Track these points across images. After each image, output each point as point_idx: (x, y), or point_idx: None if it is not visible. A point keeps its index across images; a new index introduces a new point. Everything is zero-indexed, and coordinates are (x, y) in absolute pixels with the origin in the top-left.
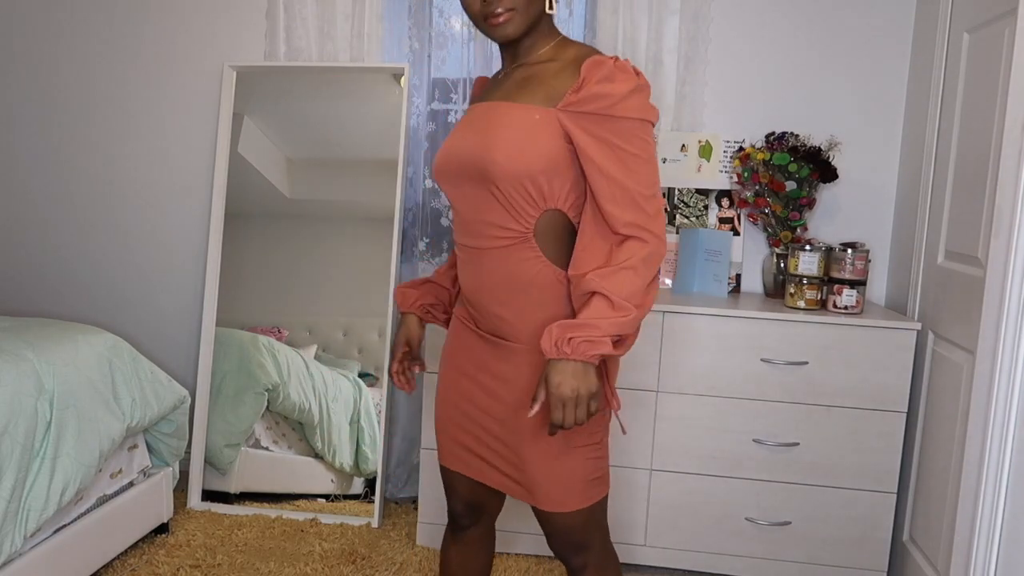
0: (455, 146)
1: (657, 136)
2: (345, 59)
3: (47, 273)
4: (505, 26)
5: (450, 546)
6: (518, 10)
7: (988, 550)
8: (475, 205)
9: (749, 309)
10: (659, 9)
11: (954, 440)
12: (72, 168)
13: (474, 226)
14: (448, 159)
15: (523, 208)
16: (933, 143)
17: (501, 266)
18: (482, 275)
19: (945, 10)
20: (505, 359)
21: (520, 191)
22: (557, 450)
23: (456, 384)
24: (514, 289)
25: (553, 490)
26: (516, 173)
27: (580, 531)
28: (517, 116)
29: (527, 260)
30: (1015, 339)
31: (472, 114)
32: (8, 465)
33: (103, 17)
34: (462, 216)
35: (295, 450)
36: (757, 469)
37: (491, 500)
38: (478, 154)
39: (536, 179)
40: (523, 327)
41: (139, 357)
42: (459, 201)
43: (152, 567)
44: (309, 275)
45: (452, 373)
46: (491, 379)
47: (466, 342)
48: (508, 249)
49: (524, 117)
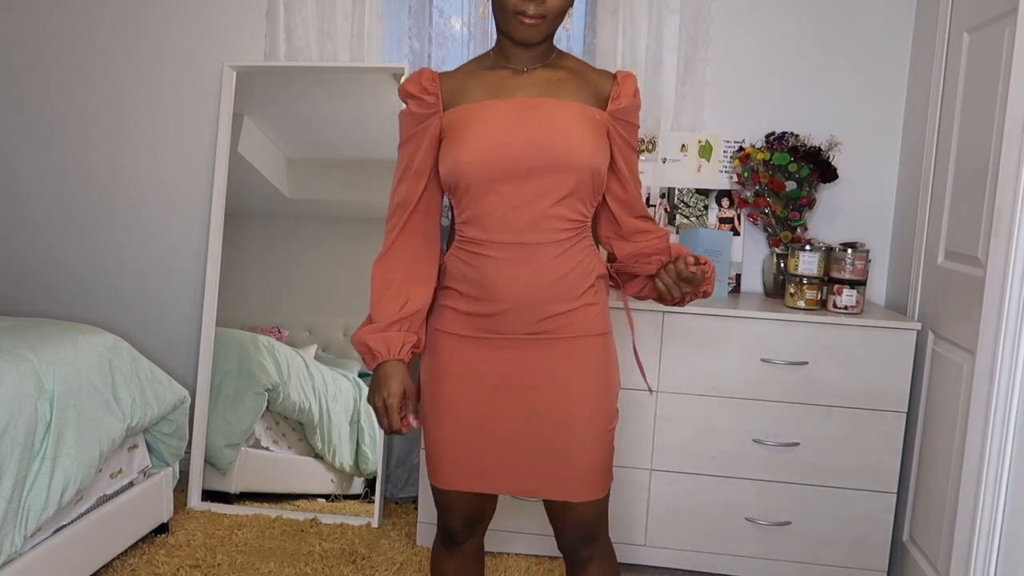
0: (515, 140)
1: (657, 136)
2: (345, 59)
3: (47, 273)
4: (532, 29)
5: (445, 560)
6: (548, 19)
7: (988, 550)
8: (536, 198)
9: (749, 309)
10: (659, 9)
11: (954, 440)
12: (72, 168)
13: (530, 221)
14: (511, 153)
15: (591, 200)
16: (933, 143)
17: (559, 260)
18: (533, 272)
19: (945, 10)
20: (557, 353)
21: (595, 182)
22: (596, 436)
23: (479, 399)
24: (576, 280)
25: (589, 478)
26: (596, 165)
27: (596, 521)
28: (582, 113)
29: (587, 249)
30: (1015, 339)
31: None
32: (8, 465)
33: (103, 17)
34: (512, 212)
35: (295, 450)
36: (757, 469)
37: (489, 511)
38: (560, 146)
39: (603, 171)
40: (583, 317)
41: (139, 357)
42: (514, 196)
43: (152, 567)
44: (309, 275)
45: (471, 390)
46: (533, 379)
47: (481, 354)
48: (570, 241)
49: (589, 115)
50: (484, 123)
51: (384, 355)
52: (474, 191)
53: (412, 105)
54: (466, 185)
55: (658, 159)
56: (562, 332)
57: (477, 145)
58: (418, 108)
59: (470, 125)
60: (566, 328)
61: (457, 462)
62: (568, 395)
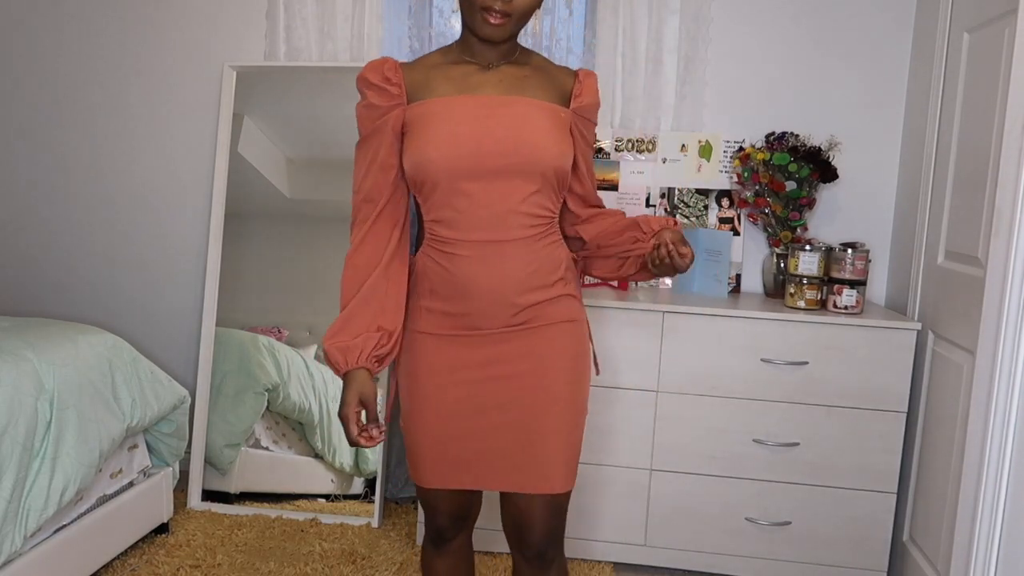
0: (486, 138)
1: (657, 136)
2: (345, 59)
3: (47, 273)
4: (497, 28)
5: (435, 559)
6: (514, 17)
7: (988, 550)
8: (504, 196)
9: (749, 309)
10: (659, 9)
11: (954, 440)
12: (72, 168)
13: (500, 218)
14: (481, 153)
15: (557, 196)
16: (933, 143)
17: (529, 254)
18: (505, 268)
19: (945, 10)
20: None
21: (560, 180)
22: (571, 422)
23: (460, 396)
24: (547, 272)
25: (562, 468)
26: (563, 165)
27: (562, 515)
28: (550, 112)
29: (555, 243)
30: (1015, 339)
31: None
32: (8, 465)
33: (103, 17)
34: (482, 210)
35: (295, 450)
36: (757, 469)
37: (475, 508)
38: (530, 145)
39: (568, 169)
40: (555, 306)
41: (139, 357)
42: (483, 194)
43: (152, 567)
44: (309, 275)
45: (451, 387)
46: (508, 367)
47: (459, 352)
48: (536, 237)
49: (555, 113)
50: (452, 119)
51: (343, 365)
52: (443, 189)
53: (373, 96)
54: (433, 182)
55: (658, 159)
56: (536, 321)
57: (446, 142)
58: (379, 99)
59: (437, 120)
60: (540, 317)
61: (440, 460)
62: (547, 379)
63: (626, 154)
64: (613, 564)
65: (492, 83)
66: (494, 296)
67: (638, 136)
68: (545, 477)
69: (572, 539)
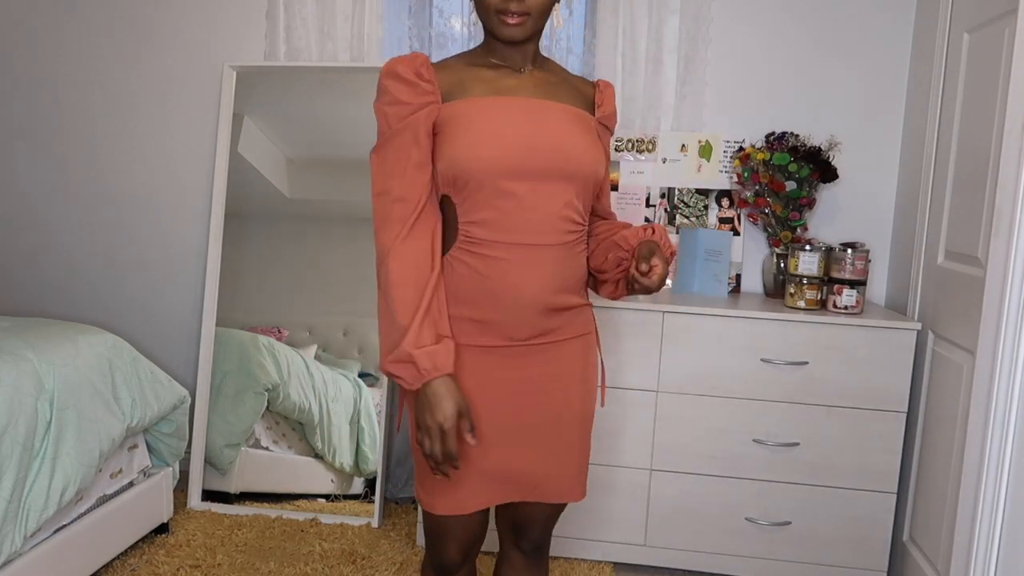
0: (534, 141)
1: (657, 136)
2: (345, 59)
3: (47, 273)
4: (515, 28)
5: None
6: (532, 16)
7: (988, 550)
8: (550, 199)
9: (749, 309)
10: (659, 9)
11: (954, 440)
12: (72, 168)
13: (544, 222)
14: (529, 154)
15: (588, 203)
16: (933, 143)
17: (565, 262)
18: (540, 273)
19: (945, 10)
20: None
21: (593, 187)
22: (587, 434)
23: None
24: (576, 280)
25: (582, 478)
26: (598, 170)
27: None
28: (582, 118)
29: (582, 252)
30: (1015, 339)
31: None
32: (8, 465)
33: (103, 17)
34: (529, 212)
35: (295, 450)
36: (757, 469)
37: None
38: (573, 150)
39: (600, 177)
40: (579, 317)
41: (139, 357)
42: (531, 196)
43: (152, 567)
44: (309, 275)
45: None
46: (540, 382)
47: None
48: (571, 244)
49: (586, 120)
50: (493, 120)
51: (431, 372)
52: (487, 189)
53: (402, 91)
54: (478, 182)
55: (658, 159)
56: (561, 334)
57: (493, 141)
58: (409, 96)
59: (477, 121)
60: (565, 329)
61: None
62: (570, 395)
63: (626, 154)
64: (613, 564)
65: (527, 87)
66: (525, 301)
67: (638, 136)
68: (570, 488)
69: (572, 539)
